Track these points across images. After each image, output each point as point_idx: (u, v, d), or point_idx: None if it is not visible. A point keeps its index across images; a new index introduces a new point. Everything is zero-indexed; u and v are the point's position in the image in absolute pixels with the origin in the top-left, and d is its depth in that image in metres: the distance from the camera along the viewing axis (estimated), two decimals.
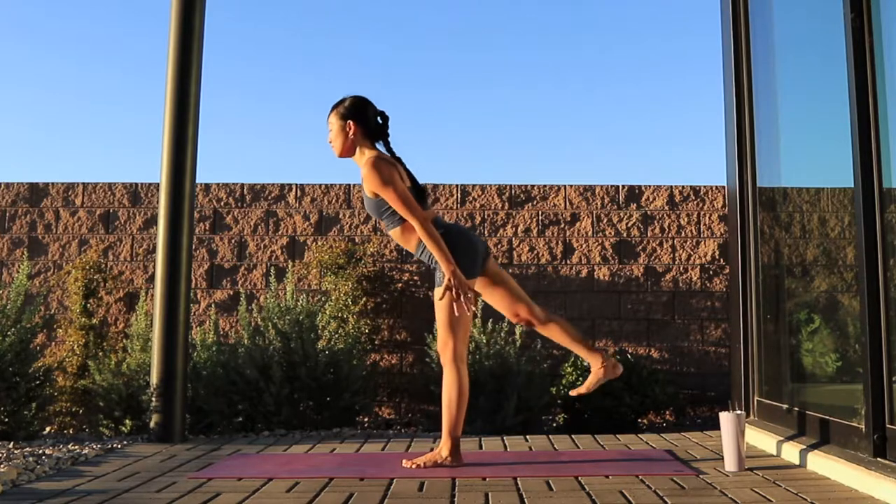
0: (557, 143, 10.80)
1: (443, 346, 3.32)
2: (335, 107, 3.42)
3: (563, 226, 5.93)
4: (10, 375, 4.40)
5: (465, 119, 11.10)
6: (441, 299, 3.24)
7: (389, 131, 3.44)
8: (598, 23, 11.04)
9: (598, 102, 11.21)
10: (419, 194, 3.37)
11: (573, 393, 3.56)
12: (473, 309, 3.24)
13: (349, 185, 5.99)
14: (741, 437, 3.18)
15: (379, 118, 3.42)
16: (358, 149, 3.39)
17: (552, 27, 10.90)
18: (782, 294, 4.11)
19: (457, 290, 3.18)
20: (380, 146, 3.43)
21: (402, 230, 3.36)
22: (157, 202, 5.04)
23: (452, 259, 3.22)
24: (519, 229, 5.92)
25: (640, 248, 5.90)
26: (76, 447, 3.97)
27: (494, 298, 3.51)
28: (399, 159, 3.42)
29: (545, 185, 6.00)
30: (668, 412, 5.56)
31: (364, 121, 3.38)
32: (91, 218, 5.94)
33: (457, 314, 3.21)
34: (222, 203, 5.97)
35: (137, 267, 5.89)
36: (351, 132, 3.36)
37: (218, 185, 6.00)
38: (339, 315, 5.47)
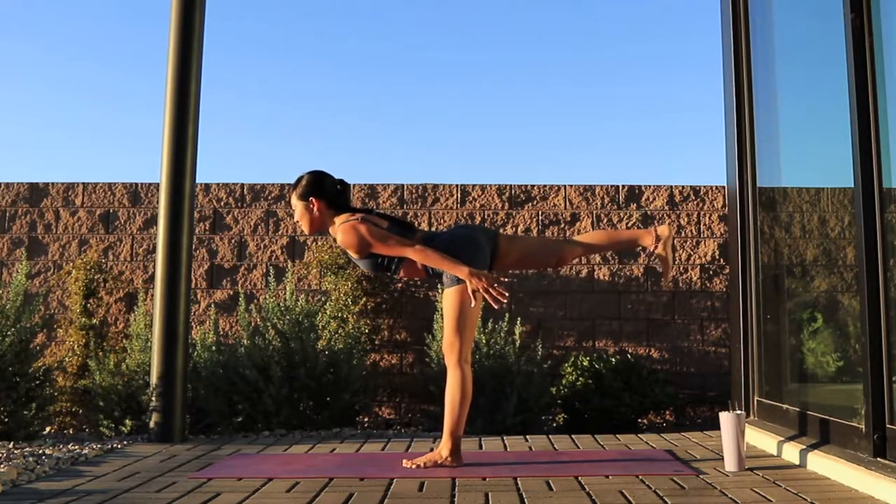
0: (557, 143, 10.81)
1: (449, 346, 3.31)
2: (294, 188, 3.45)
3: (563, 226, 5.93)
4: (10, 375, 4.40)
5: (465, 119, 11.11)
6: (473, 305, 3.22)
7: (350, 196, 3.47)
8: (598, 23, 11.05)
9: (598, 102, 11.22)
10: (402, 226, 3.39)
11: (667, 282, 3.61)
12: (498, 305, 3.19)
13: (349, 185, 5.98)
14: (741, 437, 3.18)
15: (338, 186, 3.45)
16: (327, 221, 3.42)
17: (553, 27, 10.90)
18: (782, 294, 4.11)
19: (483, 288, 3.15)
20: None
21: (405, 268, 3.37)
22: (157, 202, 5.04)
23: (461, 262, 3.21)
24: (519, 229, 5.92)
25: (640, 248, 5.88)
26: (76, 447, 3.97)
27: (529, 266, 3.71)
28: (369, 210, 3.44)
29: (545, 185, 6.00)
30: (668, 412, 5.56)
31: (324, 194, 3.41)
32: (91, 218, 5.94)
33: (496, 307, 3.20)
34: (222, 203, 5.97)
35: (137, 267, 5.89)
36: (315, 209, 3.40)
37: (218, 185, 6.00)
38: (339, 315, 5.47)
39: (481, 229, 3.48)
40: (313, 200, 3.39)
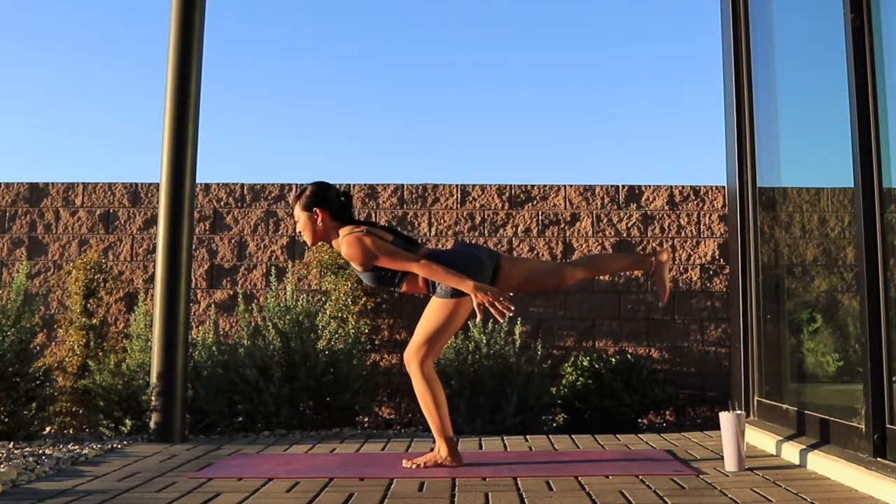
0: (557, 143, 10.81)
1: (414, 352, 3.31)
2: (297, 199, 3.40)
3: (563, 226, 5.93)
4: (10, 375, 4.40)
5: (465, 119, 11.11)
6: (480, 318, 3.20)
7: (353, 208, 3.48)
8: (598, 23, 11.05)
9: (599, 102, 11.22)
10: (407, 241, 3.37)
11: (664, 304, 3.61)
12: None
13: (349, 185, 5.99)
14: (741, 437, 3.18)
15: (342, 197, 3.43)
16: (331, 232, 3.39)
17: (553, 27, 10.90)
18: (782, 294, 4.11)
19: (489, 302, 3.10)
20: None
21: (407, 283, 3.35)
22: (157, 202, 5.04)
23: (466, 276, 3.17)
24: (519, 229, 5.92)
25: (640, 248, 5.89)
26: (76, 447, 3.97)
27: (530, 288, 3.69)
28: (373, 223, 3.43)
29: (545, 185, 6.00)
30: (668, 412, 5.56)
31: (328, 205, 3.37)
32: (91, 218, 5.94)
33: (501, 321, 3.18)
34: (222, 203, 5.97)
35: (137, 267, 5.89)
36: (319, 220, 3.35)
37: (218, 185, 6.00)
38: (339, 315, 5.47)
39: (484, 249, 3.45)
40: (318, 211, 3.36)
